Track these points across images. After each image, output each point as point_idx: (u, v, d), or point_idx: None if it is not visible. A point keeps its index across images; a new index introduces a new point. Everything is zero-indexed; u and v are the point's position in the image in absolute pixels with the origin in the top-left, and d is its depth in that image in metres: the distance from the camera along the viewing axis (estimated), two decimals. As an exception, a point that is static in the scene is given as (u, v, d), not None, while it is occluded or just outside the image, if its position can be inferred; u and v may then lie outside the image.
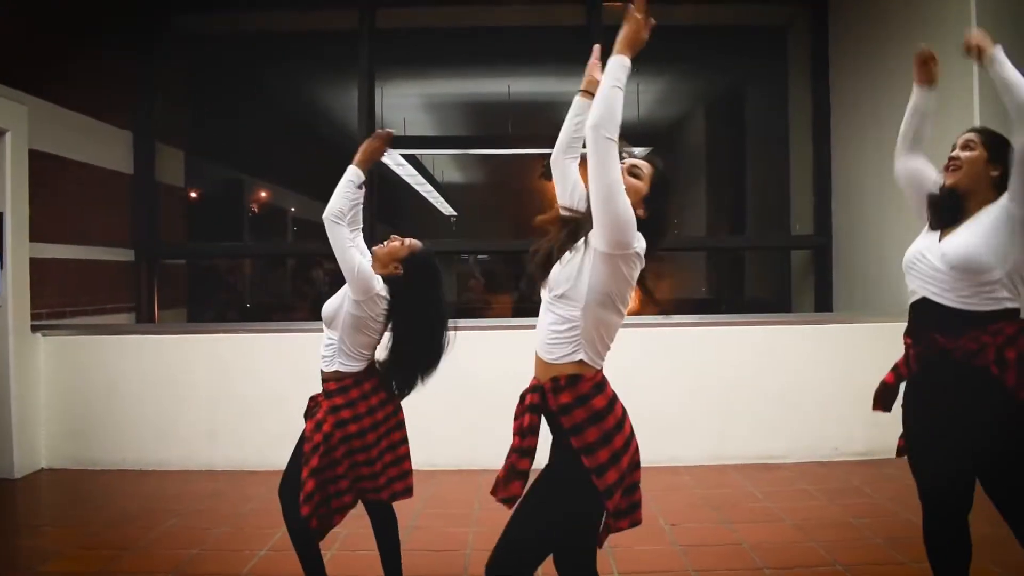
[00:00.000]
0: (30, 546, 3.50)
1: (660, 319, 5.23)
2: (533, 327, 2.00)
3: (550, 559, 1.98)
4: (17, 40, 4.68)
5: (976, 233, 2.18)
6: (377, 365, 2.70)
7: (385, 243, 2.69)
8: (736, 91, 7.79)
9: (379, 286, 2.58)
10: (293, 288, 8.40)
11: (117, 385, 4.77)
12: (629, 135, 7.24)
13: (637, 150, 7.83)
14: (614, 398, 1.91)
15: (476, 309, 8.08)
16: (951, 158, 2.33)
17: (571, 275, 1.84)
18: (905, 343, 2.32)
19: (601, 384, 1.89)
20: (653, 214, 1.96)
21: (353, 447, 2.62)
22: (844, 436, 4.61)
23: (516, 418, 1.95)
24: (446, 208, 12.35)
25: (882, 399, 2.37)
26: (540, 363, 1.92)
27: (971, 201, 2.27)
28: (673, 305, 7.70)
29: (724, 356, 4.77)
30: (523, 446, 1.92)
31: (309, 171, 8.87)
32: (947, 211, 2.30)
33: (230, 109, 7.32)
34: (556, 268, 1.90)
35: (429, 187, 10.79)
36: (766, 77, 7.02)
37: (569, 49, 6.45)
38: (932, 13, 4.65)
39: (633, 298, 2.00)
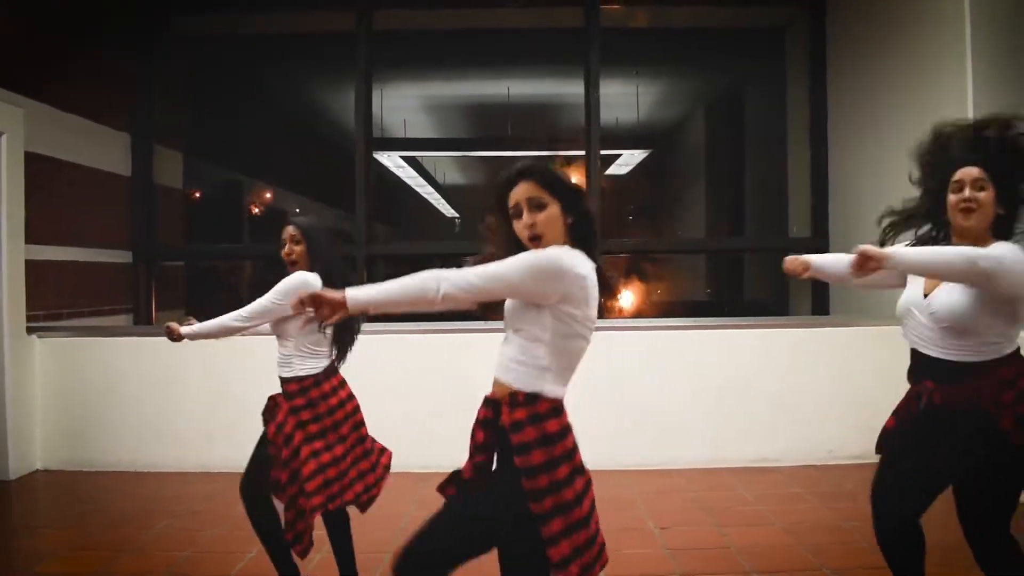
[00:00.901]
0: (25, 547, 3.51)
1: (656, 322, 5.24)
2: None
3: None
4: (14, 42, 4.71)
5: (967, 291, 2.06)
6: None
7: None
8: (735, 92, 7.78)
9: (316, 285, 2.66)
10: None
11: (113, 386, 4.79)
12: (629, 136, 7.22)
13: (636, 152, 7.83)
14: (568, 428, 1.83)
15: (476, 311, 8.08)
16: (965, 199, 2.08)
17: (529, 313, 1.80)
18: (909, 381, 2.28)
19: (559, 409, 1.82)
20: (578, 218, 1.89)
21: (315, 448, 2.65)
22: (839, 439, 4.60)
23: (472, 434, 1.92)
24: (448, 210, 12.36)
25: (884, 444, 2.28)
26: (499, 384, 1.88)
27: (966, 243, 2.10)
28: (672, 307, 7.71)
29: (719, 359, 4.76)
30: (475, 462, 1.89)
31: (309, 172, 8.90)
32: None
33: (229, 110, 7.34)
34: (509, 303, 1.86)
35: (430, 189, 10.80)
36: (765, 78, 7.01)
37: (568, 51, 6.48)
38: (928, 14, 4.64)
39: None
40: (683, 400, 4.72)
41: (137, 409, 4.77)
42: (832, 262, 2.40)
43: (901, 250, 2.00)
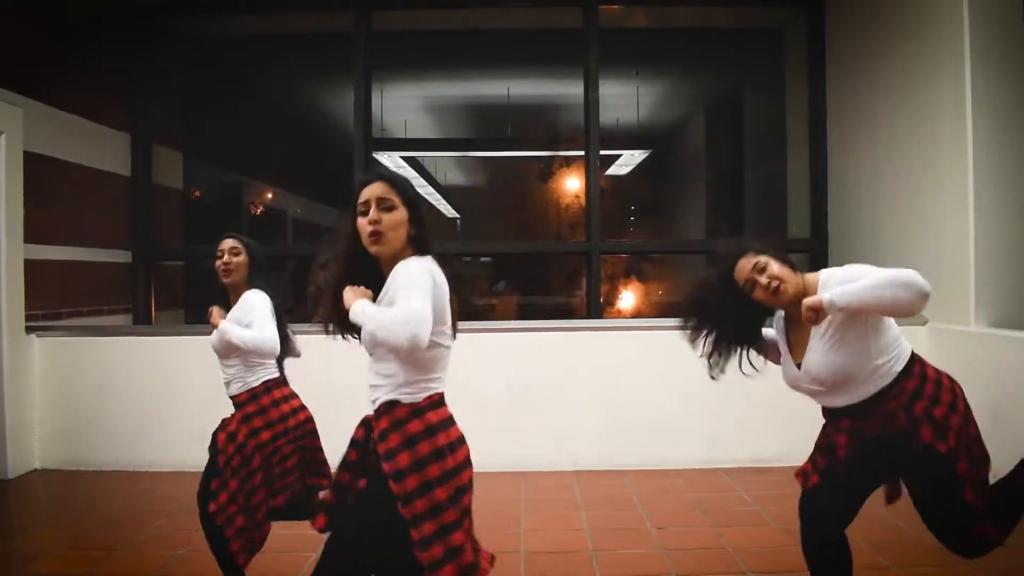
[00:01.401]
0: (20, 547, 3.51)
1: (652, 322, 5.22)
2: (534, 330, 2.01)
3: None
4: (14, 41, 4.72)
5: (831, 343, 2.11)
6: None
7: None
8: (734, 93, 7.78)
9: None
10: (293, 290, 8.43)
11: (111, 386, 4.80)
12: (629, 137, 7.20)
13: (636, 153, 7.81)
14: (435, 427, 1.82)
15: (478, 311, 8.10)
16: (765, 285, 2.18)
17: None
18: (819, 440, 2.40)
19: (420, 410, 1.82)
20: (419, 229, 1.92)
21: (266, 454, 2.65)
22: (837, 440, 4.58)
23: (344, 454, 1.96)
24: (448, 210, 12.36)
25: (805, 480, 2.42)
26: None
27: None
28: (672, 308, 7.69)
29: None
30: (337, 481, 1.92)
31: (308, 173, 8.91)
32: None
33: (228, 111, 7.35)
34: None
35: (430, 189, 10.80)
36: (764, 79, 7.01)
37: (567, 51, 6.48)
38: (927, 15, 4.63)
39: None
40: (680, 400, 4.71)
41: (134, 409, 4.78)
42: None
43: (839, 292, 1.97)
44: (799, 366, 2.22)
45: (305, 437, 2.81)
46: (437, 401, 1.87)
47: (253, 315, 2.66)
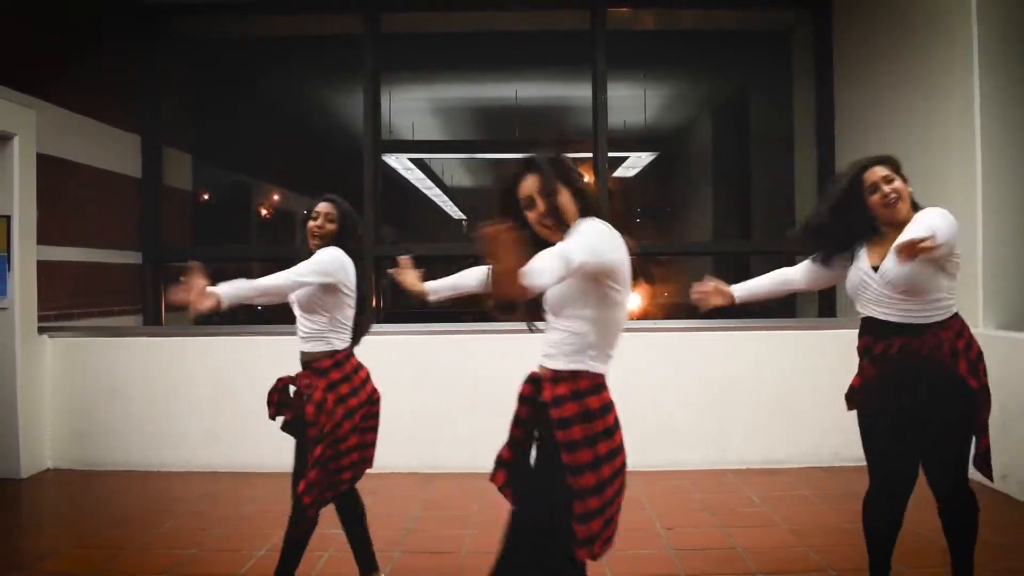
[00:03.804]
0: (32, 545, 3.54)
1: (661, 324, 5.23)
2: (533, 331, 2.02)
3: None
4: (21, 43, 4.75)
5: (913, 262, 2.22)
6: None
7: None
8: (740, 96, 7.79)
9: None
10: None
11: (122, 386, 4.83)
12: (637, 139, 7.17)
13: (643, 155, 7.79)
14: (610, 405, 1.86)
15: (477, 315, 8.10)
16: (886, 193, 2.40)
17: (574, 293, 1.83)
18: (861, 347, 2.52)
19: (600, 387, 1.87)
20: (577, 193, 1.92)
21: (354, 422, 2.64)
22: (844, 441, 4.58)
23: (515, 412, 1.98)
24: (455, 211, 12.40)
25: (853, 400, 2.55)
26: (543, 367, 1.92)
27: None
28: (679, 309, 7.69)
29: (724, 360, 4.76)
30: (511, 435, 1.95)
31: (315, 174, 8.93)
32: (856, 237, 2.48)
33: (237, 112, 7.39)
34: (554, 288, 1.83)
35: (437, 191, 10.84)
36: (771, 81, 7.02)
37: (575, 53, 6.50)
38: (935, 18, 4.63)
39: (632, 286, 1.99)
40: (689, 402, 4.72)
41: (145, 409, 4.80)
42: (759, 283, 2.73)
43: (936, 232, 2.11)
44: (875, 269, 2.38)
45: (375, 414, 2.79)
46: (605, 383, 1.90)
47: (302, 263, 2.61)
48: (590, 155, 6.14)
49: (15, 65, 4.62)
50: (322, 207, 2.77)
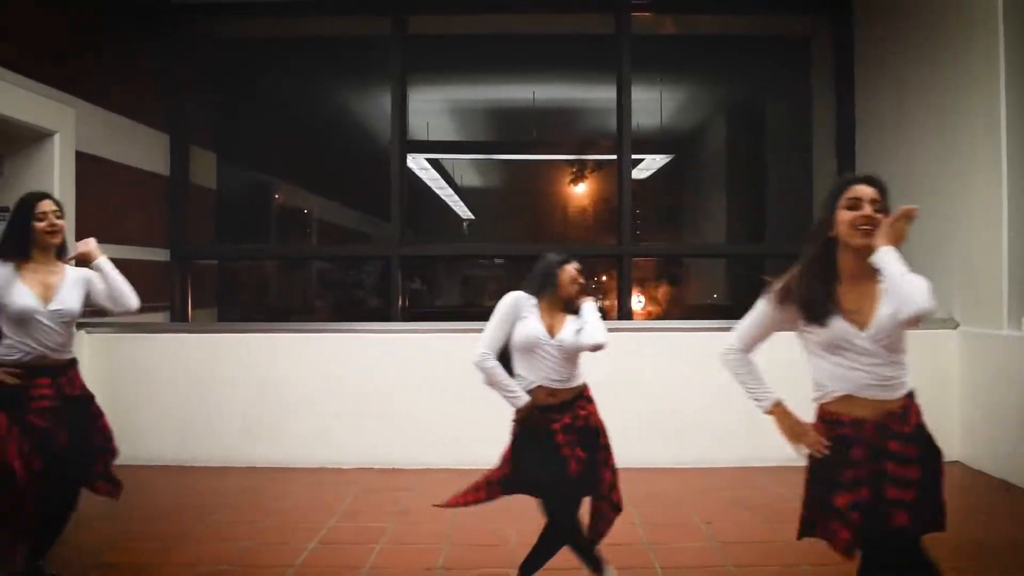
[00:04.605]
0: (87, 538, 3.53)
1: (689, 324, 5.31)
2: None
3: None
4: (61, 42, 4.79)
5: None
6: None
7: None
8: (757, 99, 7.88)
9: None
10: (318, 288, 8.58)
11: (158, 382, 4.88)
12: (652, 141, 7.21)
13: (658, 157, 7.85)
14: None
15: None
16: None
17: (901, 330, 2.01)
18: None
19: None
20: None
21: None
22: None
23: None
24: (464, 211, 12.44)
25: None
26: (873, 401, 2.06)
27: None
28: (702, 311, 7.79)
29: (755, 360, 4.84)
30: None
31: (336, 175, 8.98)
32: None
33: (258, 112, 7.44)
34: (891, 324, 2.00)
35: (449, 190, 10.89)
36: (789, 85, 7.12)
37: (591, 56, 6.59)
38: (961, 23, 4.72)
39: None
40: (717, 401, 4.80)
41: (181, 404, 4.86)
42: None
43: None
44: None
45: None
46: None
47: None
48: (605, 157, 6.23)
49: (53, 63, 4.67)
50: None
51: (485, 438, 4.71)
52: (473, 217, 12.81)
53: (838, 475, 2.12)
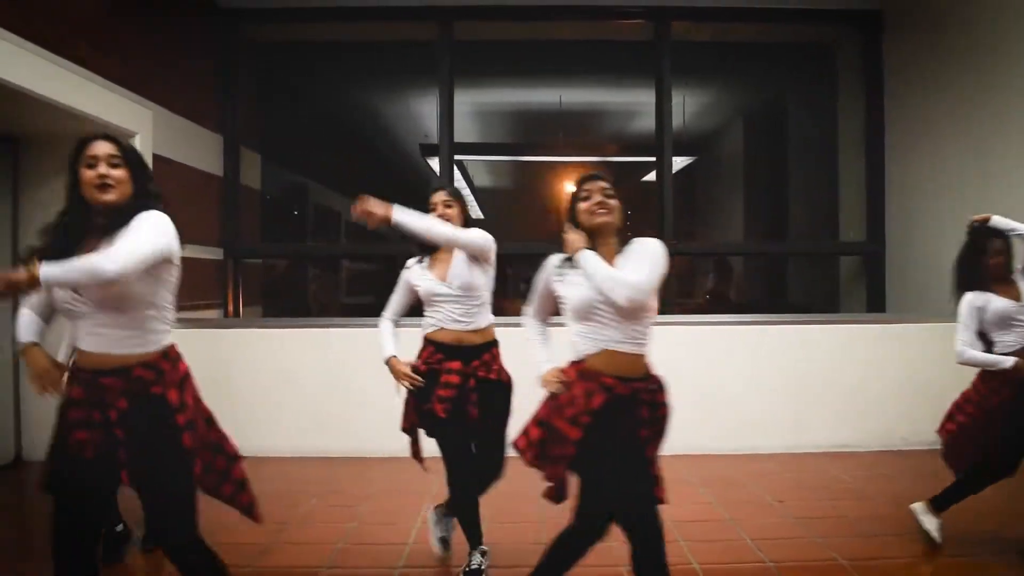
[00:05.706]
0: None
1: (736, 318, 5.56)
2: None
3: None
4: (133, 46, 4.91)
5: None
6: None
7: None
8: (780, 102, 8.15)
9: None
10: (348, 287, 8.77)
11: (226, 377, 5.04)
12: (673, 144, 7.25)
13: (678, 159, 8.02)
14: None
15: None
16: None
17: None
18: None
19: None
20: None
21: None
22: (910, 428, 4.99)
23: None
24: (476, 211, 12.65)
25: None
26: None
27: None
28: (741, 306, 8.03)
29: (799, 353, 5.14)
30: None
31: (368, 177, 9.15)
32: None
33: (300, 114, 7.61)
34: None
35: (467, 191, 11.11)
36: (812, 89, 7.40)
37: (634, 63, 6.83)
38: (994, 26, 4.96)
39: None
40: (766, 391, 5.09)
41: (250, 397, 5.04)
42: None
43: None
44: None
45: None
46: None
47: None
48: (654, 159, 6.49)
49: (128, 67, 4.81)
50: (437, 196, 3.15)
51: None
52: (482, 216, 13.02)
53: None
